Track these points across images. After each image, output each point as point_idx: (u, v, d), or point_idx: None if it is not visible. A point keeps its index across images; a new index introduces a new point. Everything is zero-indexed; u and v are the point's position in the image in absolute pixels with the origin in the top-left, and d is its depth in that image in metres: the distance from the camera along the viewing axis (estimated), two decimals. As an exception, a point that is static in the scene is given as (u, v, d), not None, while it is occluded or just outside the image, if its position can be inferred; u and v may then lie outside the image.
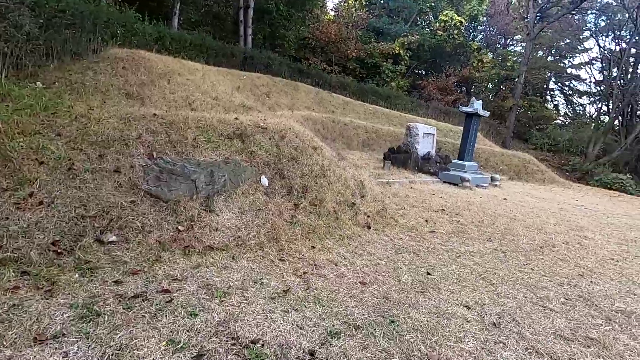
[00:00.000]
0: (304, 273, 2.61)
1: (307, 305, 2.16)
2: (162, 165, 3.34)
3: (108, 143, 3.36)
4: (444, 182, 8.68)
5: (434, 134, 10.19)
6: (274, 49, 17.32)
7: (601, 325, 2.31)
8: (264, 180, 3.82)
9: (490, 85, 23.49)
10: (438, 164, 9.67)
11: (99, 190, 2.88)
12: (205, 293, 2.15)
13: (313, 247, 3.16)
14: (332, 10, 24.79)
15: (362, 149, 11.93)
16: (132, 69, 5.74)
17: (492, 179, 9.42)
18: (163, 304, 1.97)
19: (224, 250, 2.80)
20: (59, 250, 2.29)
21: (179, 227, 2.85)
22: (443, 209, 5.17)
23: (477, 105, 11.38)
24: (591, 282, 3.07)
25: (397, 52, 19.75)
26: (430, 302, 2.38)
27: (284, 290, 2.31)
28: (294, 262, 2.80)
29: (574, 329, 2.22)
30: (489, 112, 11.90)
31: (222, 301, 2.08)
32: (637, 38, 17.80)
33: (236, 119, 4.45)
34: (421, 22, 25.71)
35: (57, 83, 5.01)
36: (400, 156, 9.59)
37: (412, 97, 20.43)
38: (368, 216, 4.09)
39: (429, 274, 2.85)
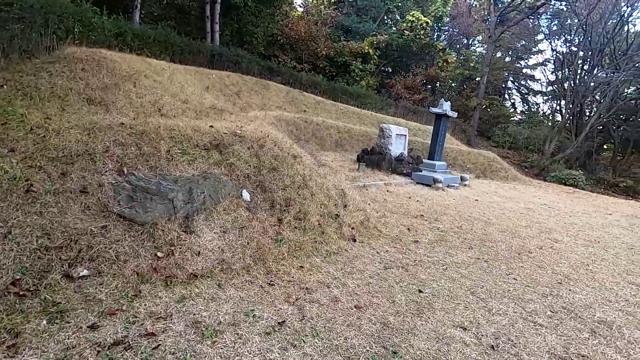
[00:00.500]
0: (297, 299, 2.49)
1: (305, 339, 2.04)
2: (135, 182, 3.07)
3: (71, 158, 3.04)
4: (417, 182, 8.84)
5: (406, 135, 10.34)
6: (242, 45, 16.83)
7: (588, 339, 2.39)
8: (246, 195, 3.64)
9: (454, 85, 24.30)
10: (410, 165, 9.84)
11: (64, 215, 2.58)
12: (194, 333, 1.97)
13: (301, 266, 3.04)
14: (300, 6, 24.51)
15: (335, 150, 11.89)
16: (93, 70, 5.27)
17: (462, 178, 9.73)
18: (149, 352, 1.78)
19: (208, 277, 2.62)
20: (20, 292, 2.01)
21: (158, 254, 2.62)
22: (422, 215, 5.22)
23: (446, 107, 11.69)
24: (570, 290, 3.21)
25: (366, 51, 19.89)
26: (428, 325, 2.35)
27: (279, 323, 2.18)
28: (284, 286, 2.67)
29: (565, 346, 2.28)
30: (457, 113, 12.27)
31: (215, 342, 1.92)
32: (587, 42, 19.09)
33: (211, 127, 4.21)
34: (388, 22, 26.09)
35: (5, 86, 4.49)
36: (374, 157, 9.65)
37: (381, 96, 20.70)
38: (352, 228, 4.03)
39: (420, 291, 2.83)
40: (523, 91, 30.68)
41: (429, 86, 25.24)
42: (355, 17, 22.99)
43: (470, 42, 29.30)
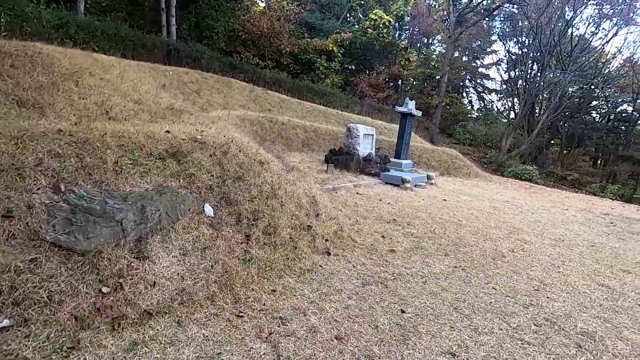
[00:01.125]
0: (270, 334, 2.20)
1: (282, 387, 1.77)
2: (75, 201, 2.62)
3: (-8, 176, 2.53)
4: (386, 182, 8.79)
5: (373, 135, 10.28)
6: (201, 41, 16.02)
7: (576, 356, 2.33)
8: (209, 210, 3.27)
9: (415, 83, 24.83)
10: (378, 165, 9.79)
11: (-20, 248, 2.11)
12: (147, 393, 1.64)
13: (273, 290, 2.75)
14: (261, 1, 23.85)
15: (302, 150, 11.62)
16: (25, 67, 4.59)
17: (428, 177, 9.84)
18: None
19: (166, 313, 2.25)
20: None
21: (103, 289, 2.22)
22: (394, 219, 5.10)
23: (411, 106, 11.77)
24: (548, 297, 3.18)
25: (330, 48, 19.73)
26: (415, 353, 2.16)
27: (250, 368, 1.88)
28: (255, 316, 2.37)
29: (555, 366, 2.19)
30: (421, 112, 12.43)
31: (173, 404, 1.60)
32: (536, 44, 20.21)
33: (168, 132, 3.78)
34: (351, 20, 26.12)
35: None
36: (342, 158, 9.49)
37: (346, 94, 20.67)
38: (326, 240, 3.79)
39: (403, 311, 2.65)
40: (479, 89, 32.12)
41: (392, 84, 25.62)
42: (318, 14, 22.75)
43: (430, 41, 30.12)
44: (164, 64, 11.63)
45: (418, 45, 30.79)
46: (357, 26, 23.87)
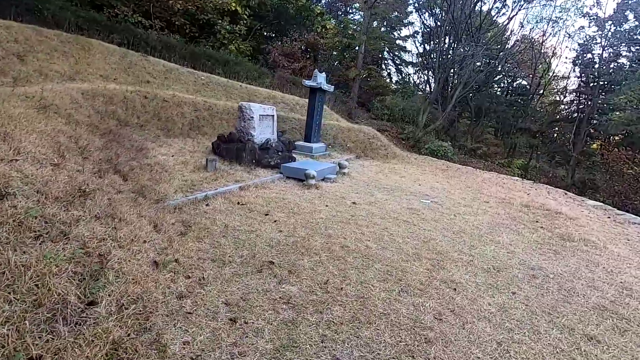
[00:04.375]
0: None
1: None
2: None
3: None
4: (288, 177, 7.06)
5: (273, 115, 8.33)
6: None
7: None
8: None
9: (334, 53, 23.12)
10: (280, 154, 7.95)
11: None
12: None
13: None
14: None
15: (187, 135, 9.20)
16: None
17: (340, 166, 8.33)
18: None
19: None
20: None
21: None
22: (272, 260, 3.34)
23: (320, 79, 10.00)
24: None
25: (233, 8, 16.75)
26: None
27: None
28: None
29: None
30: (333, 86, 10.78)
31: None
32: (450, 17, 19.79)
33: None
34: (261, -23, 22.96)
35: None
36: (232, 147, 7.43)
37: (254, 63, 18.11)
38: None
39: None
40: (397, 62, 31.79)
41: (311, 55, 23.56)
42: (218, -35, 19.25)
43: (348, 9, 28.40)
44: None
45: (339, 13, 28.90)
46: (266, -16, 20.96)
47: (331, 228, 4.41)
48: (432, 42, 24.57)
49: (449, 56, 19.55)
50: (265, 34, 22.28)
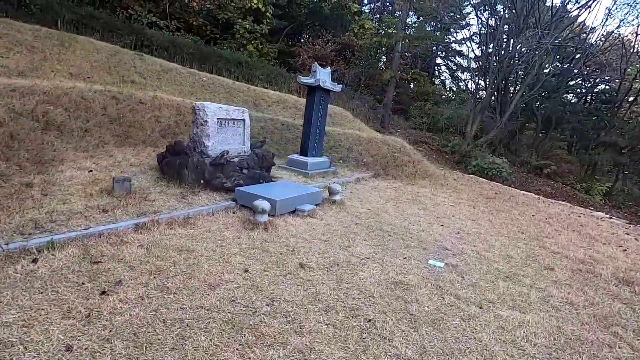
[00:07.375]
0: None
1: None
2: None
3: None
4: (242, 205, 4.95)
5: (244, 120, 6.28)
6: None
7: None
8: None
9: (371, 54, 20.67)
10: (246, 171, 5.85)
11: None
12: None
13: None
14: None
15: (152, 143, 7.50)
16: None
17: (330, 191, 6.00)
18: None
19: None
20: None
21: None
22: None
23: (321, 75, 7.76)
24: None
25: (255, 5, 15.26)
26: None
27: None
28: None
29: None
30: (340, 86, 8.49)
31: None
32: (512, 10, 16.42)
33: None
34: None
35: None
36: (173, 161, 5.49)
37: (281, 66, 16.37)
38: None
39: None
40: (453, 68, 28.39)
41: (345, 56, 21.41)
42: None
43: (394, 7, 25.85)
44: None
45: (384, 12, 26.51)
46: (298, -18, 19.38)
47: (192, 342, 2.14)
48: (492, 45, 21.07)
49: (509, 51, 16.09)
50: (295, 35, 20.66)
